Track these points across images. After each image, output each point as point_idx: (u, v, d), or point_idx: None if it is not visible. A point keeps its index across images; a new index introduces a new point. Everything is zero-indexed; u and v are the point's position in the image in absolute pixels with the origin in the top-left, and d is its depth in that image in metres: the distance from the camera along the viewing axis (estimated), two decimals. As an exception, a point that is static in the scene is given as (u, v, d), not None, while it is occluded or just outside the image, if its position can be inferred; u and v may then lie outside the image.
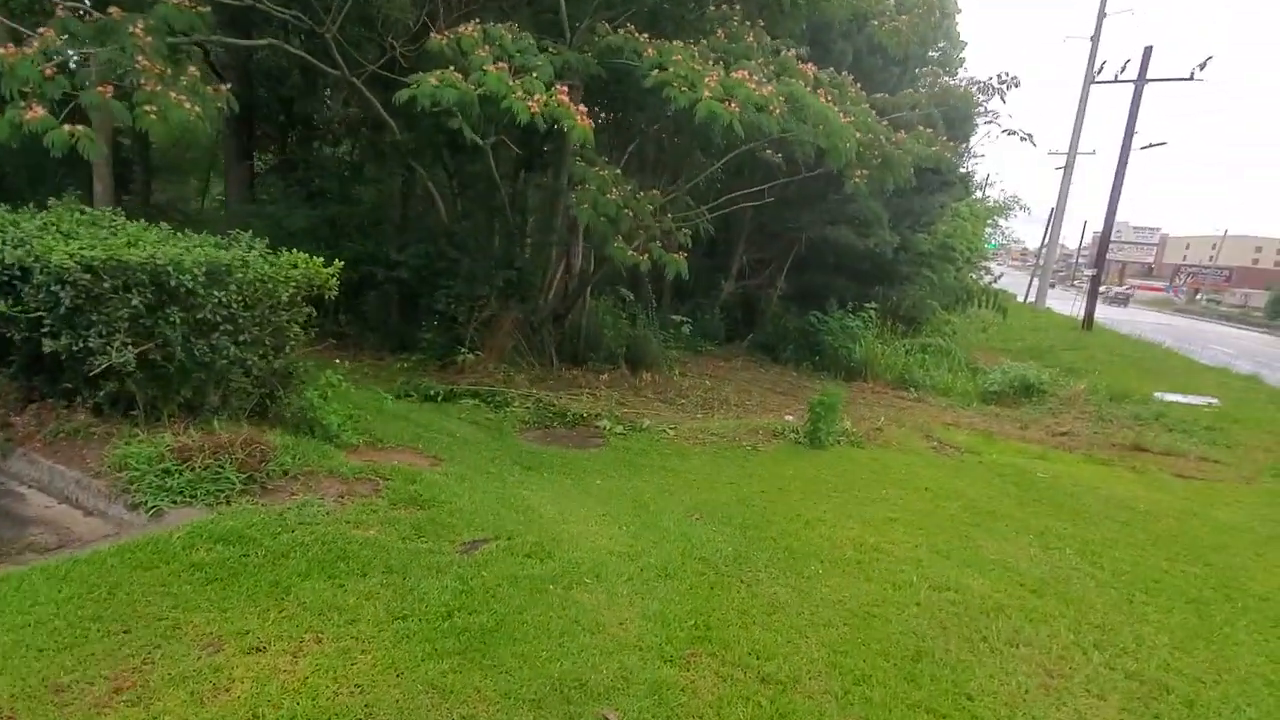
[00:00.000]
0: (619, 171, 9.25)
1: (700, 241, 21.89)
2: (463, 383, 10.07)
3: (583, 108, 7.41)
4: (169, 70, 5.74)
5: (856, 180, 9.93)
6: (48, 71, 5.13)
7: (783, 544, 5.29)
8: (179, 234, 5.36)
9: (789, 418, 10.21)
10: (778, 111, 8.02)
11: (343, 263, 5.68)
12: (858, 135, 9.30)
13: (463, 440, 7.54)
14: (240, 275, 4.74)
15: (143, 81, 5.54)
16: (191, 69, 6.32)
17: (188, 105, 5.62)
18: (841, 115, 8.90)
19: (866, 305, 17.49)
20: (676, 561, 4.64)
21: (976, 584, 4.95)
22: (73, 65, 5.43)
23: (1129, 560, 5.80)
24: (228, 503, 4.31)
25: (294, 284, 5.10)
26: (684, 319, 15.24)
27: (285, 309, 5.13)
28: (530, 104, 6.90)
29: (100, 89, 5.29)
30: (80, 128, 5.05)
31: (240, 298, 4.75)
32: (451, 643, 3.31)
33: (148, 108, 5.52)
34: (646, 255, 8.82)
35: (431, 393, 9.30)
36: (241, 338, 4.85)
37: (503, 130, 9.49)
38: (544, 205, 12.54)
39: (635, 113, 11.79)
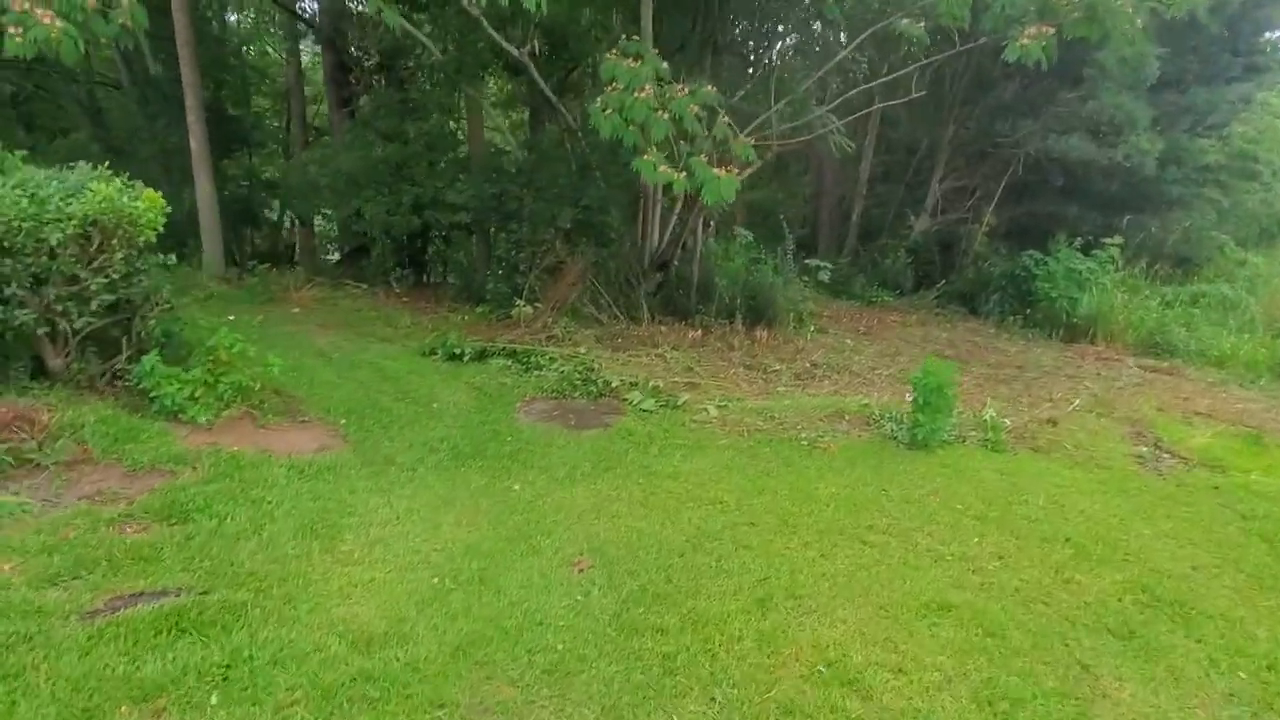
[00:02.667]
0: (664, 64, 6.98)
1: (848, 159, 18.06)
2: (509, 339, 8.81)
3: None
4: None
5: (1025, 44, 6.43)
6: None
7: (663, 649, 3.10)
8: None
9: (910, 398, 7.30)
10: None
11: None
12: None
13: (431, 412, 6.26)
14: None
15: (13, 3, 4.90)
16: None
17: (51, 22, 4.88)
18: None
19: (1108, 241, 12.78)
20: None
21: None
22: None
23: None
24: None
25: (74, 224, 4.08)
26: (822, 264, 12.31)
27: (70, 256, 4.14)
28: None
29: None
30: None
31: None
32: None
33: (12, 30, 4.88)
34: (683, 173, 6.56)
35: (457, 351, 8.15)
36: (5, 291, 3.96)
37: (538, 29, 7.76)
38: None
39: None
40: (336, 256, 13.06)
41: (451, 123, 11.16)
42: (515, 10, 6.95)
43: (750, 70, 11.52)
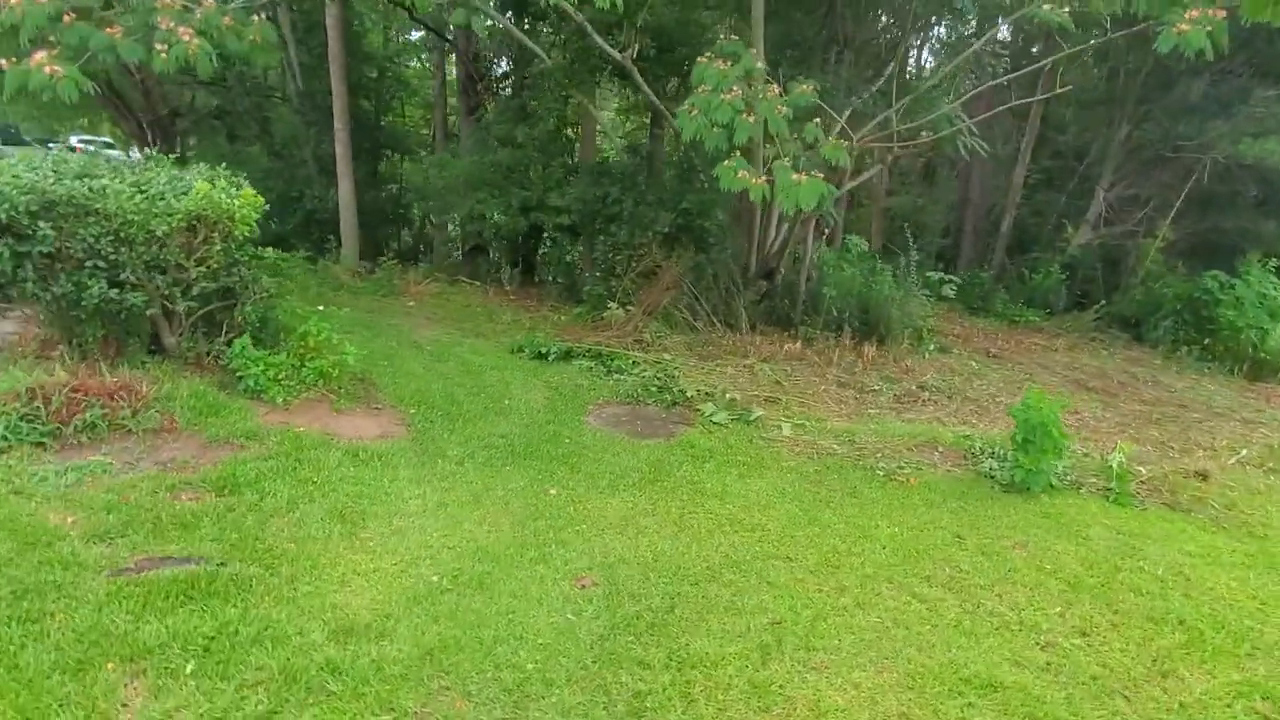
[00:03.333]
0: (759, 64, 6.64)
1: (1001, 164, 16.25)
2: (597, 341, 8.85)
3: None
4: (185, 6, 5.66)
5: (1183, 29, 5.41)
6: (66, 18, 5.45)
7: (637, 685, 2.87)
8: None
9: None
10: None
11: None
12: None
13: (500, 409, 6.38)
14: (101, 208, 4.33)
15: (160, 20, 5.55)
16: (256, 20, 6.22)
17: (190, 40, 5.47)
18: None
19: (1313, 264, 10.72)
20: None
21: None
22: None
23: None
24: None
25: (179, 218, 4.53)
26: (947, 277, 11.25)
27: (176, 246, 4.60)
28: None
29: (110, 30, 5.44)
30: (60, 69, 5.22)
31: (107, 233, 4.35)
32: None
33: (159, 47, 5.52)
34: (764, 179, 6.19)
35: (543, 350, 8.29)
36: (121, 275, 4.48)
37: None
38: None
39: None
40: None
41: (570, 130, 11.43)
42: (624, 14, 6.94)
43: (879, 70, 10.79)
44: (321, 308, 6.67)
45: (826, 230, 12.17)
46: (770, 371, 8.35)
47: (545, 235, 10.41)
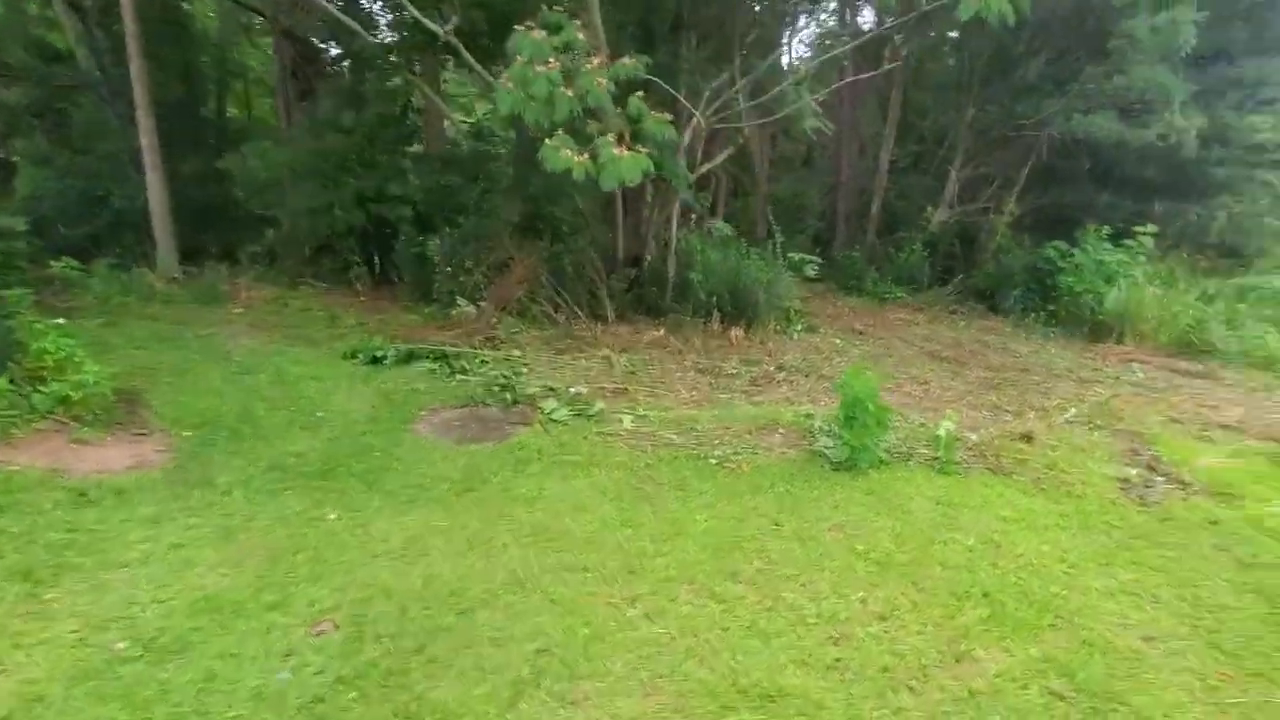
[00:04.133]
0: (579, 35, 6.22)
1: (870, 148, 16.90)
2: (443, 340, 8.21)
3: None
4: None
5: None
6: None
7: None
8: None
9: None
10: None
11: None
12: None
13: (310, 422, 5.69)
14: None
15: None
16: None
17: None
18: None
19: (1140, 230, 11.43)
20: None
21: None
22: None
23: None
24: None
25: None
26: (809, 258, 11.31)
27: None
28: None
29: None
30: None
31: None
32: None
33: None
34: (586, 157, 5.78)
35: (380, 354, 7.58)
36: None
37: None
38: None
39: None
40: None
41: (414, 114, 10.65)
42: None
43: (731, 56, 10.64)
44: (67, 321, 5.66)
45: (695, 215, 11.98)
46: (627, 362, 8.00)
47: (398, 230, 9.60)
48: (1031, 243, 13.86)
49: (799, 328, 10.66)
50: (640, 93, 6.33)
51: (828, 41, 14.10)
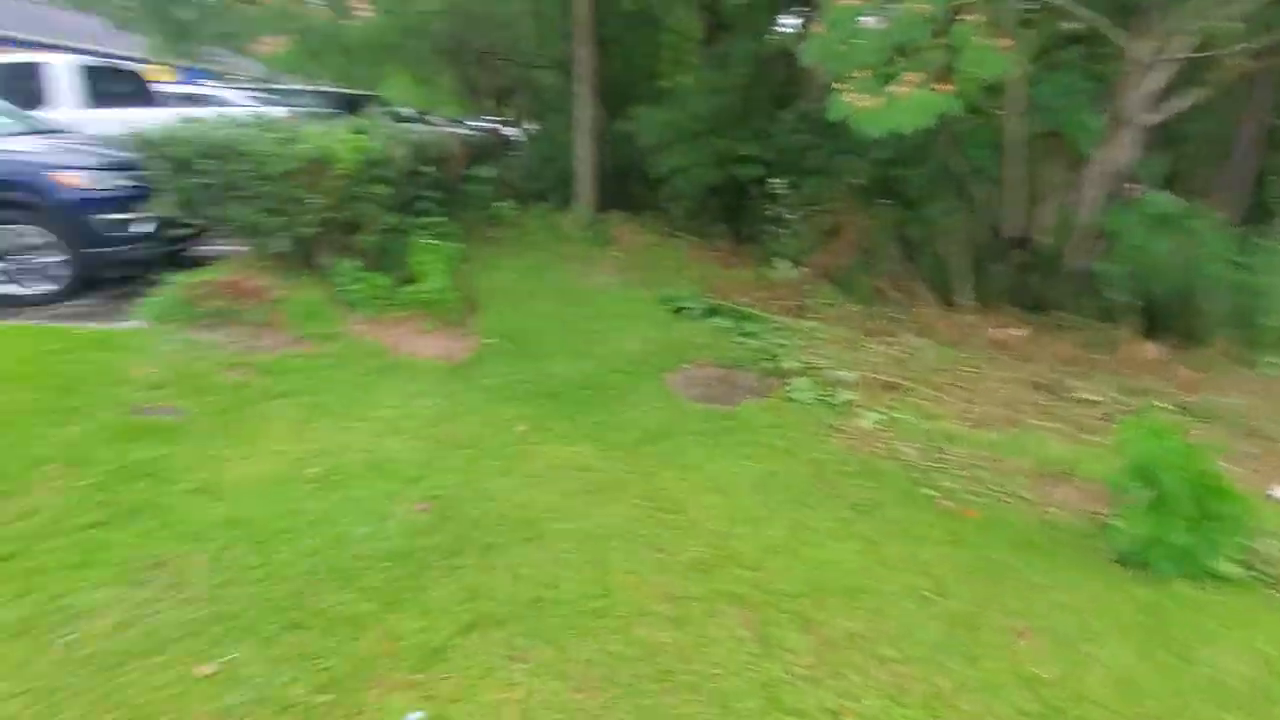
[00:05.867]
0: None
1: None
2: (754, 301, 8.21)
3: None
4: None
5: None
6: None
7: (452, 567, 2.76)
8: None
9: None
10: None
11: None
12: None
13: (585, 354, 6.44)
14: (246, 150, 5.56)
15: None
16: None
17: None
18: None
19: None
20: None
21: None
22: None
23: None
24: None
25: (294, 160, 5.58)
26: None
27: (298, 182, 5.69)
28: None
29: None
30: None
31: (251, 169, 5.60)
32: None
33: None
34: (872, 101, 4.86)
35: (686, 305, 8.01)
36: (256, 202, 5.74)
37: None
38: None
39: None
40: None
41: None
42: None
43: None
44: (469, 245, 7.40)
45: (1135, 186, 9.11)
46: (938, 357, 6.75)
47: (748, 190, 9.84)
48: None
49: (1276, 360, 7.36)
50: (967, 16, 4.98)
51: None
